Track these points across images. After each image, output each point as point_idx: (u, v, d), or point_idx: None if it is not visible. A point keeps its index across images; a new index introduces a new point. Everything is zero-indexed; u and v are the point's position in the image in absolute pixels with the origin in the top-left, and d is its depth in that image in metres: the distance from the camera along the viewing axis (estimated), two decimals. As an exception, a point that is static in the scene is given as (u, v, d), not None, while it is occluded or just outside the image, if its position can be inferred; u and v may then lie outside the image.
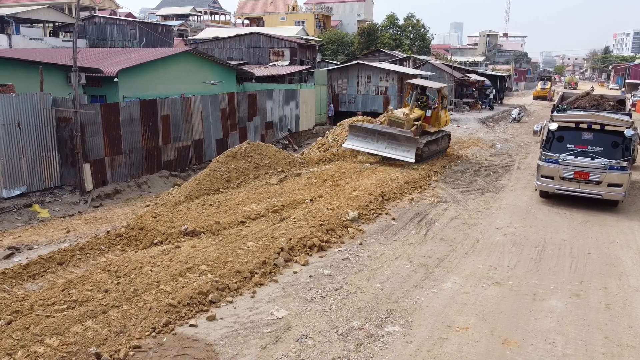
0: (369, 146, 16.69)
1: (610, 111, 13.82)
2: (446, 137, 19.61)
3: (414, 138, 16.36)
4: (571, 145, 12.33)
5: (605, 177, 11.81)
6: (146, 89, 20.26)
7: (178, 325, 6.36)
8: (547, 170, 12.48)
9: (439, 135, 18.44)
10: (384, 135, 16.52)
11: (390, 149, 16.38)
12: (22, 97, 13.34)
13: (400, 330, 6.53)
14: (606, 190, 11.88)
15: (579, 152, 12.18)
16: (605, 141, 12.06)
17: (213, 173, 12.92)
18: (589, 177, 11.95)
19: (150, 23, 48.79)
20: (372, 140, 16.69)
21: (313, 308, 7.01)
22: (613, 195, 11.91)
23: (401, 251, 9.32)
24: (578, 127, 12.30)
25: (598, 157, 11.96)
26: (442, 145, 19.19)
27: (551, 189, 12.54)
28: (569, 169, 12.13)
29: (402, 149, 16.25)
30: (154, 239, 9.11)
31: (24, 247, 9.98)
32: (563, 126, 12.50)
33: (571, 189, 12.19)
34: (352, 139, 17.09)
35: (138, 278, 7.38)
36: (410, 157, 16.07)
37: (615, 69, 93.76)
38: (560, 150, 12.36)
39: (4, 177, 13.02)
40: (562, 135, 12.52)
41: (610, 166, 11.77)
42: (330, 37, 66.80)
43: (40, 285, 7.34)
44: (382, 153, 16.55)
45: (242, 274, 7.68)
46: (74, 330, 5.98)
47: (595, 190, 11.94)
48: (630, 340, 6.48)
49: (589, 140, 12.18)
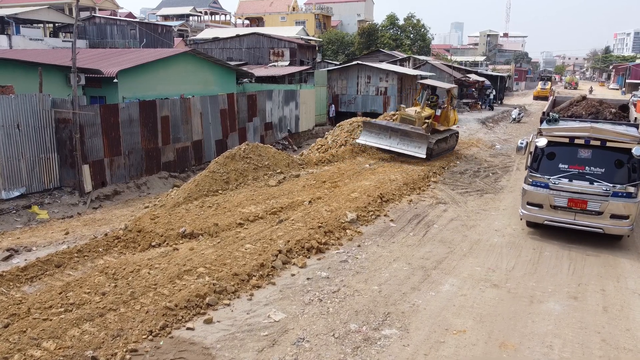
0: (382, 142, 17.50)
1: (613, 121, 11.57)
2: (454, 135, 20.25)
3: (425, 135, 17.04)
4: (564, 165, 9.84)
5: (608, 207, 9.39)
6: (146, 90, 20.26)
7: (175, 328, 6.37)
8: (534, 196, 10.01)
9: (447, 134, 19.14)
10: (396, 131, 17.28)
11: (403, 145, 17.13)
12: (22, 98, 13.34)
13: (397, 334, 6.54)
14: (608, 223, 9.46)
15: (574, 174, 9.71)
16: (607, 160, 9.60)
17: (212, 174, 12.92)
18: (587, 207, 9.53)
19: (150, 23, 48.81)
20: (385, 136, 17.51)
21: (310, 311, 7.01)
22: (617, 229, 9.49)
23: (399, 253, 9.32)
24: (573, 142, 9.81)
25: (598, 181, 9.50)
26: (451, 143, 19.86)
27: (540, 220, 10.11)
28: (561, 195, 9.73)
29: (414, 145, 16.97)
30: (152, 241, 9.12)
31: (22, 249, 9.99)
32: (554, 141, 10.06)
33: (565, 221, 9.81)
34: (365, 135, 17.93)
35: (136, 281, 7.39)
36: (421, 152, 16.77)
37: (616, 69, 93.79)
38: (550, 171, 9.89)
39: (3, 178, 13.02)
40: (553, 151, 10.04)
41: (614, 192, 9.35)
42: (331, 37, 66.79)
43: (37, 288, 7.35)
44: (394, 149, 17.29)
45: (239, 276, 7.69)
46: (71, 334, 5.98)
47: (594, 223, 9.57)
48: (627, 343, 6.48)
49: (587, 160, 9.71)
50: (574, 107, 13.09)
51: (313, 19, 76.35)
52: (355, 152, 18.02)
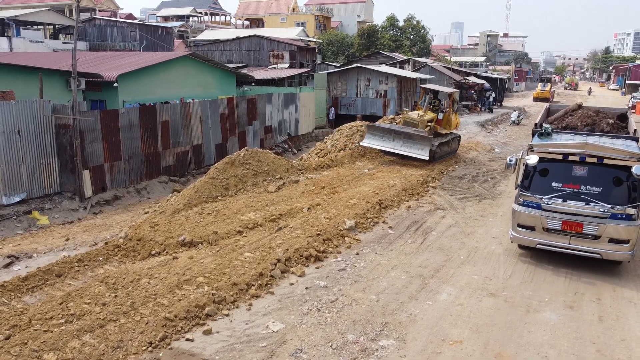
0: (386, 144, 17.83)
1: (610, 133, 10.82)
2: (456, 139, 20.56)
3: (428, 137, 17.41)
4: (558, 183, 9.04)
5: (606, 230, 8.58)
6: (146, 93, 20.34)
7: (174, 339, 6.44)
8: (525, 218, 9.19)
9: (450, 137, 19.48)
10: (399, 134, 17.63)
11: (406, 147, 17.46)
12: (22, 104, 13.42)
13: (394, 344, 6.60)
14: (607, 248, 8.66)
15: (568, 194, 8.89)
16: (605, 179, 8.84)
17: (211, 180, 12.99)
18: (583, 230, 8.71)
19: (150, 25, 48.88)
20: (388, 139, 17.84)
21: (308, 321, 7.08)
22: (616, 254, 8.69)
23: (397, 261, 9.38)
24: (567, 158, 9.08)
25: (595, 202, 8.66)
26: (453, 146, 20.20)
27: (531, 243, 9.28)
28: (555, 217, 8.89)
29: (417, 147, 17.30)
30: (152, 249, 9.19)
31: (23, 256, 10.06)
32: (547, 158, 9.31)
33: (558, 245, 8.99)
34: (369, 138, 18.19)
35: (135, 291, 7.46)
36: (424, 154, 17.08)
37: (616, 70, 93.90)
38: (543, 191, 9.10)
39: (3, 184, 13.09)
40: (546, 168, 9.26)
41: (613, 214, 8.53)
42: (331, 38, 66.87)
43: (38, 298, 7.42)
44: (398, 151, 17.63)
45: (238, 286, 7.76)
46: (71, 345, 6.05)
47: (591, 248, 8.76)
48: (622, 354, 6.55)
49: (583, 178, 8.91)
50: (568, 117, 12.29)
51: (313, 20, 76.41)
52: (354, 157, 18.10)
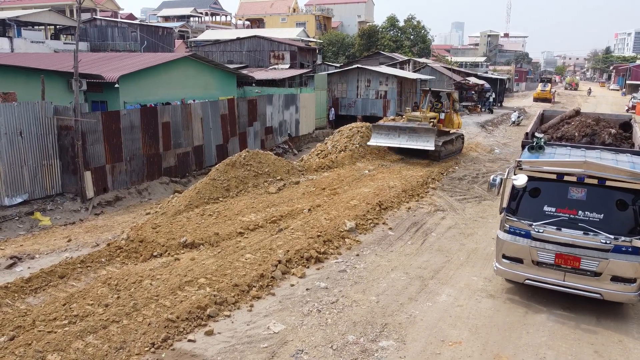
0: (392, 141, 18.47)
1: (613, 147, 9.27)
2: (460, 138, 21.20)
3: (432, 129, 18.11)
4: (551, 207, 7.49)
5: (608, 266, 7.08)
6: (147, 94, 20.41)
7: (177, 340, 6.51)
8: (511, 248, 7.67)
9: (453, 136, 20.13)
10: (404, 130, 18.28)
11: (412, 141, 18.11)
12: (24, 105, 13.49)
13: (394, 345, 6.67)
14: (609, 287, 7.19)
15: (564, 220, 7.36)
16: (607, 204, 7.30)
17: (212, 182, 13.06)
18: (581, 265, 7.24)
19: (151, 26, 48.93)
20: (394, 136, 18.44)
21: (309, 322, 7.15)
22: (620, 295, 7.20)
23: (397, 262, 9.45)
24: (562, 178, 7.52)
25: (595, 231, 7.15)
26: (457, 145, 20.78)
27: (519, 278, 7.78)
28: (547, 248, 7.41)
29: (422, 139, 17.94)
30: (154, 251, 9.26)
31: (25, 257, 10.13)
32: (537, 177, 7.70)
33: (551, 281, 7.53)
34: (376, 137, 18.76)
35: (138, 292, 7.53)
36: (430, 145, 17.71)
37: (616, 70, 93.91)
38: (533, 216, 7.57)
39: (6, 185, 13.16)
40: (537, 188, 7.70)
41: (617, 247, 7.04)
42: (331, 38, 66.96)
43: (42, 300, 7.49)
44: (404, 145, 18.26)
45: (240, 287, 7.83)
46: (75, 346, 6.12)
47: (590, 286, 7.30)
48: (619, 355, 6.61)
49: (581, 202, 7.36)
50: (564, 126, 10.97)
51: (313, 20, 76.49)
52: (354, 158, 18.18)
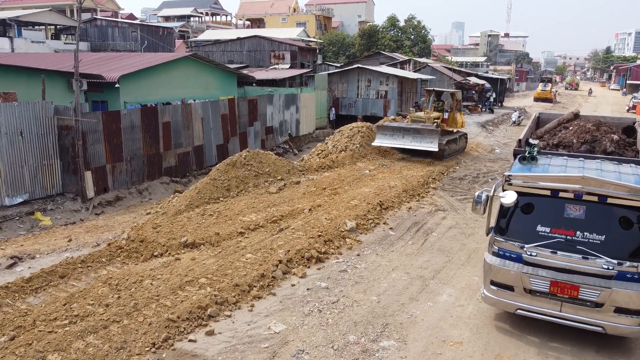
0: (396, 142, 18.84)
1: (616, 156, 8.41)
2: (463, 137, 21.56)
3: (436, 130, 18.39)
4: (545, 227, 6.51)
5: (611, 296, 6.13)
6: (147, 94, 20.41)
7: (177, 340, 6.50)
8: (500, 273, 6.72)
9: (457, 136, 20.54)
10: (408, 131, 18.62)
11: (416, 142, 18.46)
12: (25, 105, 13.49)
13: (395, 345, 6.66)
14: (612, 320, 6.23)
15: (559, 242, 6.39)
16: (609, 223, 6.30)
17: (213, 182, 13.05)
18: (580, 294, 6.27)
19: (151, 25, 48.94)
20: (398, 136, 18.83)
21: (310, 322, 7.14)
22: (625, 329, 6.23)
23: (398, 262, 9.44)
24: (558, 194, 6.52)
25: (596, 255, 6.19)
26: (461, 144, 21.13)
27: (509, 307, 6.79)
28: (540, 274, 6.44)
29: (426, 140, 18.27)
30: (155, 251, 9.25)
31: (26, 256, 10.13)
32: (529, 192, 6.70)
33: (546, 312, 6.53)
34: (380, 137, 19.18)
35: (138, 292, 7.52)
36: (434, 146, 18.05)
37: (617, 69, 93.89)
38: (525, 236, 6.59)
39: (6, 185, 13.16)
40: (529, 204, 6.69)
41: (621, 273, 6.10)
42: (331, 38, 66.95)
43: (42, 299, 7.49)
44: (408, 146, 18.61)
45: (240, 287, 7.82)
46: (75, 346, 6.12)
47: (591, 319, 6.33)
48: (620, 354, 6.60)
49: (579, 221, 6.39)
50: (561, 131, 10.11)
51: (314, 20, 76.49)
52: (355, 158, 18.17)
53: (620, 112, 45.56)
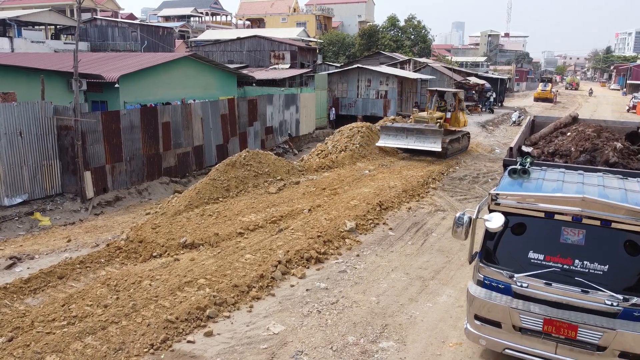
0: (400, 142, 19.03)
1: (620, 168, 7.28)
2: (466, 136, 21.87)
3: (439, 130, 18.69)
4: (538, 254, 5.54)
5: (616, 338, 5.16)
6: (147, 94, 20.39)
7: (176, 341, 6.48)
8: (486, 307, 5.73)
9: (459, 135, 20.86)
10: (412, 131, 18.84)
11: (419, 142, 18.67)
12: (24, 106, 13.48)
13: (394, 346, 6.64)
14: None
15: (555, 273, 5.43)
16: (613, 251, 5.34)
17: (212, 182, 13.03)
18: (578, 335, 5.32)
19: (151, 25, 48.93)
20: (402, 137, 18.99)
21: (309, 323, 7.12)
22: None
23: (397, 263, 9.42)
24: (553, 216, 5.51)
25: (598, 288, 5.22)
26: (464, 143, 21.41)
27: (496, 346, 5.83)
28: (532, 310, 5.48)
29: (429, 140, 18.50)
30: (154, 251, 9.23)
31: (25, 257, 10.10)
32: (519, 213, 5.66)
33: (538, 353, 5.56)
34: (384, 138, 19.32)
35: (137, 293, 7.50)
36: (437, 147, 18.30)
37: (617, 69, 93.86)
38: (514, 264, 5.64)
39: (5, 185, 13.14)
40: (521, 223, 5.66)
41: (627, 310, 5.16)
42: (331, 38, 66.91)
43: (41, 300, 7.47)
44: (412, 146, 18.85)
45: (239, 287, 7.80)
46: (73, 348, 6.10)
47: None
48: (621, 356, 6.57)
49: (578, 248, 5.42)
50: (558, 137, 9.20)
51: (314, 20, 76.46)
52: (355, 158, 18.15)
53: (621, 112, 45.56)
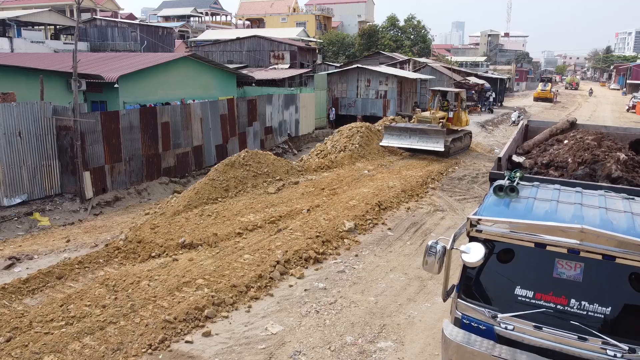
0: (403, 142, 19.52)
1: (622, 183, 6.33)
2: (468, 135, 22.36)
3: (442, 130, 19.23)
4: (527, 290, 4.45)
5: None
6: (146, 94, 20.38)
7: (174, 341, 6.49)
8: (465, 354, 4.53)
9: (462, 134, 21.32)
10: (415, 131, 19.40)
11: (422, 142, 19.19)
12: (23, 106, 13.48)
13: (392, 346, 6.65)
14: None
15: (547, 313, 4.33)
16: (616, 289, 4.27)
17: (211, 182, 13.04)
18: None
19: (151, 26, 48.93)
20: (405, 137, 19.51)
21: (307, 323, 7.12)
22: None
23: (396, 263, 9.42)
24: (545, 247, 4.42)
25: (597, 334, 4.11)
26: (466, 142, 21.86)
27: None
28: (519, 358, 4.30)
29: (432, 141, 19.04)
30: (152, 251, 9.23)
31: (24, 257, 10.11)
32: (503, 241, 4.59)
33: None
34: (387, 138, 19.86)
35: (135, 293, 7.51)
36: (439, 147, 18.87)
37: (617, 69, 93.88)
38: (499, 301, 4.58)
39: (4, 185, 13.14)
40: (508, 250, 4.60)
41: None
42: (331, 38, 66.89)
43: (39, 300, 7.47)
44: (415, 146, 19.33)
45: (238, 288, 7.80)
46: (71, 348, 6.10)
47: None
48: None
49: (574, 285, 4.33)
50: (553, 146, 8.20)
51: (314, 20, 76.45)
52: (354, 158, 18.15)
53: (621, 112, 45.56)
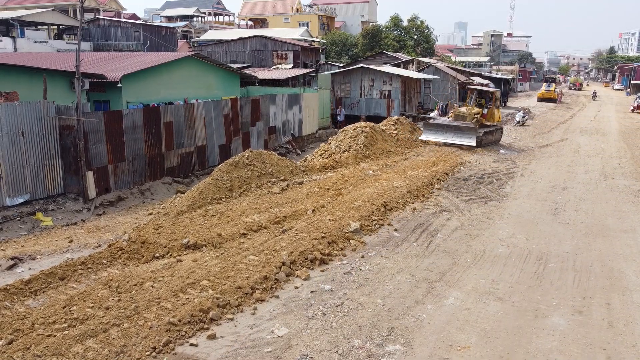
0: (440, 137, 22.28)
1: None
2: (499, 130, 24.64)
3: (474, 128, 21.78)
4: None
5: None
6: (150, 94, 20.29)
7: (178, 344, 6.36)
8: None
9: (493, 128, 23.68)
10: (450, 127, 22.14)
11: (456, 137, 21.86)
12: (26, 105, 13.39)
13: (401, 350, 6.51)
14: None
15: None
16: None
17: (215, 182, 12.91)
18: None
19: (154, 25, 48.92)
20: (441, 132, 22.30)
21: (314, 326, 6.99)
22: None
23: (403, 264, 9.28)
24: None
25: None
26: (497, 136, 24.15)
27: None
28: None
29: (465, 136, 21.69)
30: (156, 252, 9.11)
31: (27, 257, 10.01)
32: None
33: None
34: (427, 133, 22.78)
35: (139, 294, 7.39)
36: (472, 142, 21.55)
37: (621, 70, 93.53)
38: None
39: (7, 185, 13.05)
40: None
41: None
42: (334, 38, 66.78)
43: (41, 302, 7.35)
44: (450, 141, 21.96)
45: (243, 289, 7.67)
46: (74, 351, 5.99)
47: None
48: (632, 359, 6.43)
49: None
50: None
51: (317, 20, 76.36)
52: (358, 158, 18.01)
53: (625, 113, 45.30)
